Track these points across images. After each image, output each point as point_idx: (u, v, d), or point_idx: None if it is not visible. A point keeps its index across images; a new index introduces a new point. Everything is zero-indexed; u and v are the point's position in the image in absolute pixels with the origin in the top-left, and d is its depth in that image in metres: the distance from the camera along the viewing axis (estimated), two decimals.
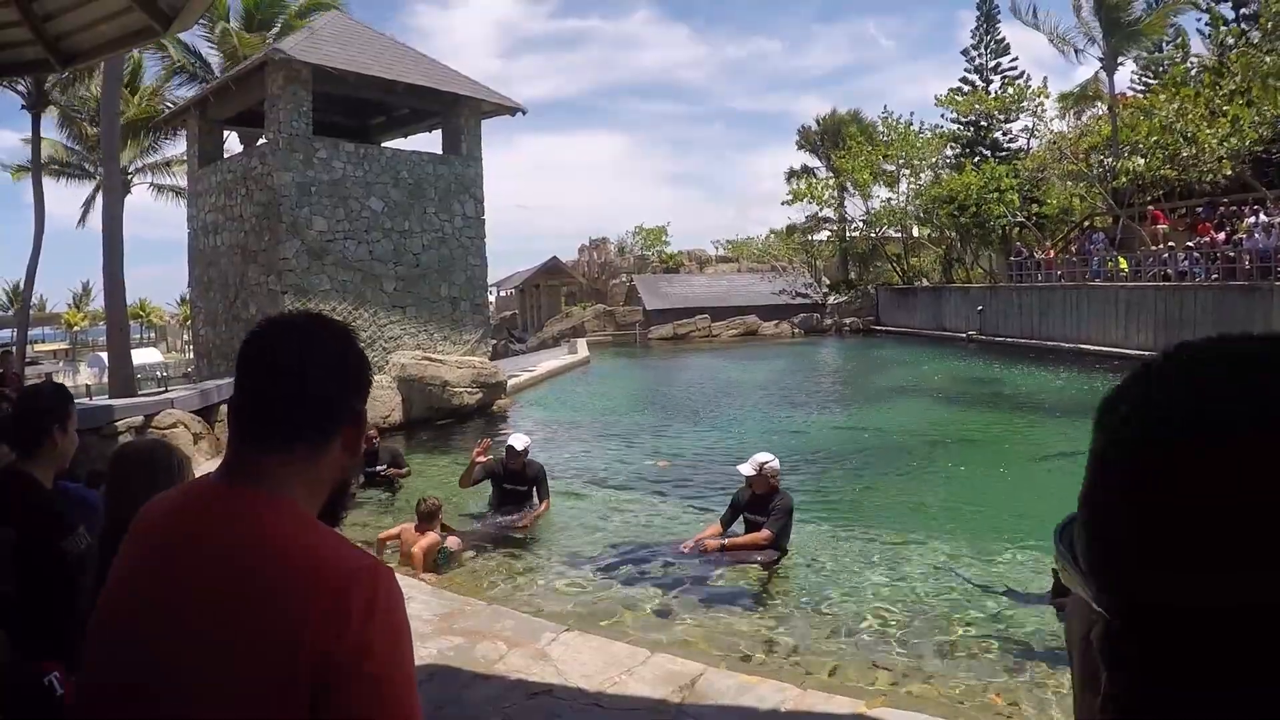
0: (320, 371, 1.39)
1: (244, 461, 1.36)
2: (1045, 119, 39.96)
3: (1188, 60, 34.84)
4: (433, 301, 20.73)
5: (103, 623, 1.35)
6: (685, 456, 13.89)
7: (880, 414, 18.41)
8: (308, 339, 1.42)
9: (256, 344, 1.41)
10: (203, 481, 1.42)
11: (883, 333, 43.38)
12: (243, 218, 19.60)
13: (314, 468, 1.37)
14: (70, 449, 3.15)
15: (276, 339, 1.43)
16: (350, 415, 1.42)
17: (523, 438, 9.95)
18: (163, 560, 1.32)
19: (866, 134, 46.84)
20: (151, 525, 1.40)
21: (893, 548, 8.54)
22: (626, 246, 59.67)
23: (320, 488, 1.39)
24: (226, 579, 1.24)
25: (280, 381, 1.38)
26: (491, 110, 22.40)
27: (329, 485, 1.41)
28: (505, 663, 5.16)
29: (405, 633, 1.27)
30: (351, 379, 1.44)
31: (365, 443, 7.93)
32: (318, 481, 1.39)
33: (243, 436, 1.38)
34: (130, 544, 1.41)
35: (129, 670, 1.27)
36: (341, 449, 1.41)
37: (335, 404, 1.40)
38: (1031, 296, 32.41)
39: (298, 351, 1.39)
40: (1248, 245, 23.93)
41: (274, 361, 1.40)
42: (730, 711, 4.49)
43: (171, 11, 5.10)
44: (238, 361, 1.44)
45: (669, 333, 45.38)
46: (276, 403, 1.37)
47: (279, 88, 18.39)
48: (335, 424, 1.40)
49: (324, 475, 1.39)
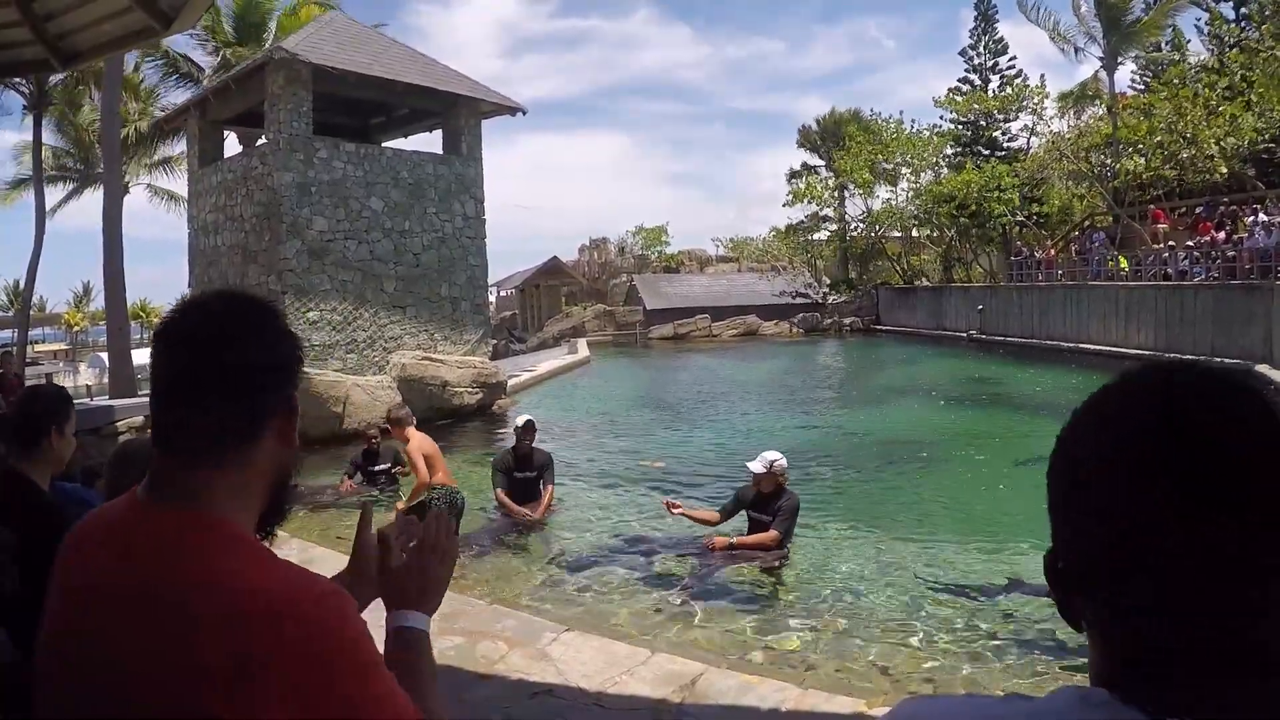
0: (241, 359, 1.23)
1: (169, 476, 1.22)
2: (1045, 118, 40.02)
3: (1185, 59, 34.86)
4: (433, 301, 20.72)
5: (43, 657, 1.24)
6: (686, 456, 13.90)
7: (881, 414, 18.42)
8: (224, 322, 1.26)
9: (167, 337, 1.26)
10: (128, 501, 1.26)
11: (883, 332, 43.40)
12: (243, 218, 19.59)
13: (248, 471, 1.24)
14: (67, 451, 3.14)
15: (189, 330, 1.27)
16: (282, 405, 1.28)
17: (528, 416, 10.05)
18: (82, 596, 1.20)
19: (867, 131, 46.85)
20: (76, 553, 1.26)
21: (894, 547, 8.54)
22: (627, 246, 59.66)
23: (257, 490, 1.26)
24: (142, 617, 1.10)
25: (199, 380, 1.22)
26: (492, 110, 22.39)
27: (267, 485, 1.28)
28: (506, 663, 5.16)
29: (344, 664, 1.09)
30: (279, 364, 1.29)
31: (366, 442, 7.99)
32: (254, 484, 1.25)
33: (165, 447, 1.24)
34: (59, 572, 1.27)
35: (65, 710, 1.19)
36: (276, 443, 1.27)
37: (264, 396, 1.26)
38: (1032, 296, 32.40)
39: (214, 342, 1.23)
40: (1248, 244, 23.93)
41: (188, 357, 1.24)
42: (731, 711, 4.49)
43: (172, 11, 5.10)
44: (150, 358, 1.29)
45: (669, 332, 45.40)
46: (197, 405, 1.22)
47: (279, 88, 18.39)
48: (266, 418, 1.25)
49: (260, 476, 1.26)
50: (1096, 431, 0.78)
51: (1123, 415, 0.77)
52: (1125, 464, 0.73)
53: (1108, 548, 0.74)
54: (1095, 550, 0.75)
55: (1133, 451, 0.73)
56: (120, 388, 16.40)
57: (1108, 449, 0.75)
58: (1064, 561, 0.79)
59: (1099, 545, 0.75)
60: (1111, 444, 0.75)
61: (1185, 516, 0.69)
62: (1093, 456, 0.77)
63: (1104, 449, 0.76)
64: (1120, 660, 0.75)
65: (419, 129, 24.67)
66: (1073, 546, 0.78)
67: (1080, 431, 0.80)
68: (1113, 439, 0.75)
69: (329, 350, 18.51)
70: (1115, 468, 0.74)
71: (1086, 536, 0.76)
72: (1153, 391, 0.77)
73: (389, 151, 21.29)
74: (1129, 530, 0.72)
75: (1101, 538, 0.74)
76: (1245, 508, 0.68)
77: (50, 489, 3.15)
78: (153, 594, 1.12)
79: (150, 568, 1.14)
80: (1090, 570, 0.76)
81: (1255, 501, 0.69)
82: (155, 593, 1.12)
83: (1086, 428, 0.79)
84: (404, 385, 17.85)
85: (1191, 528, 0.69)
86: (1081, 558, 0.77)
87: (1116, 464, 0.74)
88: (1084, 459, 0.78)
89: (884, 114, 46.70)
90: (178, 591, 1.10)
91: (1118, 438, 0.75)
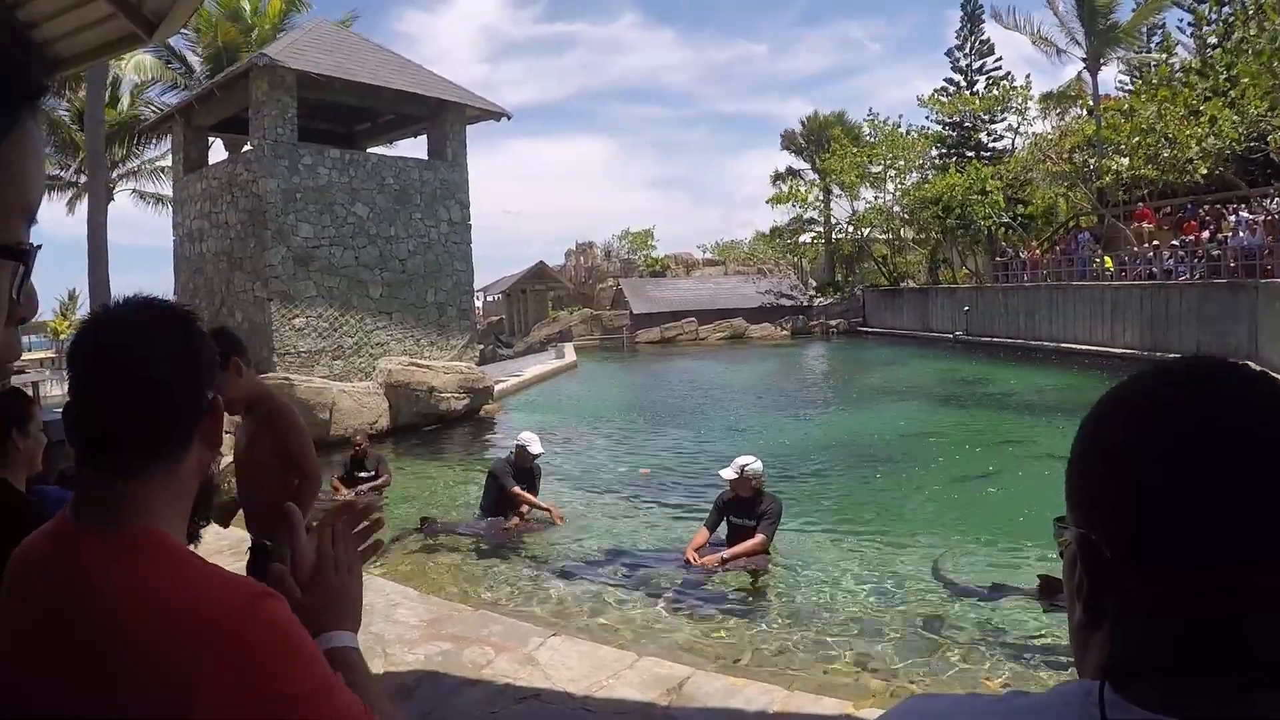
0: (162, 372, 1.22)
1: (96, 493, 1.20)
2: (1029, 119, 40.21)
3: (1171, 59, 35.05)
4: (419, 307, 20.72)
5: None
6: (671, 461, 13.90)
7: (867, 416, 18.45)
8: (139, 336, 1.25)
9: (81, 351, 1.24)
10: (57, 525, 1.24)
11: (869, 334, 43.48)
12: (228, 224, 19.56)
13: (176, 479, 1.23)
14: (36, 450, 3.17)
15: (104, 342, 1.25)
16: (205, 409, 1.27)
17: (535, 438, 9.99)
18: (17, 625, 1.19)
19: (851, 135, 46.96)
20: (14, 583, 1.23)
21: (879, 549, 8.58)
22: (613, 250, 59.62)
23: (185, 495, 1.26)
24: (70, 644, 1.11)
25: (118, 394, 1.21)
26: (477, 115, 22.42)
27: (194, 488, 1.28)
28: (493, 668, 5.16)
29: (281, 664, 1.09)
30: (199, 369, 1.28)
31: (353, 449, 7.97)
32: (181, 491, 1.25)
33: (89, 462, 1.22)
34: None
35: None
36: (211, 443, 1.28)
37: (187, 403, 1.25)
38: (1017, 297, 32.53)
39: (131, 354, 1.22)
40: (1232, 244, 24.09)
41: (105, 370, 1.22)
42: (718, 714, 4.50)
43: (155, 18, 5.09)
44: (68, 372, 1.27)
45: (656, 336, 45.37)
46: (119, 419, 1.20)
47: (264, 94, 18.37)
48: (191, 424, 1.25)
49: (187, 481, 1.26)
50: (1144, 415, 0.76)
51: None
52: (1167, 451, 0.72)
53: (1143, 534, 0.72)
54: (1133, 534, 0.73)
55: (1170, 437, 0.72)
56: None
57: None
58: (1110, 550, 0.74)
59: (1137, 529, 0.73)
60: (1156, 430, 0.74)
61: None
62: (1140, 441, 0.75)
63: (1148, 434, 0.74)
64: (1134, 656, 0.73)
65: (404, 134, 24.69)
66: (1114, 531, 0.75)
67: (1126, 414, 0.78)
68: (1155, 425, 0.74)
69: (315, 357, 18.49)
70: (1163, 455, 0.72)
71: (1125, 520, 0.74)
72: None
73: (374, 157, 21.31)
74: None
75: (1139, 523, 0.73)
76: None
77: (30, 491, 3.17)
78: (85, 621, 1.11)
79: (80, 597, 1.13)
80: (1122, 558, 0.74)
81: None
82: (87, 619, 1.11)
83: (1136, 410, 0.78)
84: (390, 391, 17.82)
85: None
86: (1118, 543, 0.74)
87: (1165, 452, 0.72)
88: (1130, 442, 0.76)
89: (869, 116, 46.62)
90: (109, 618, 1.10)
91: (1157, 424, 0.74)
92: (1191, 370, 0.78)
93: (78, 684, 1.09)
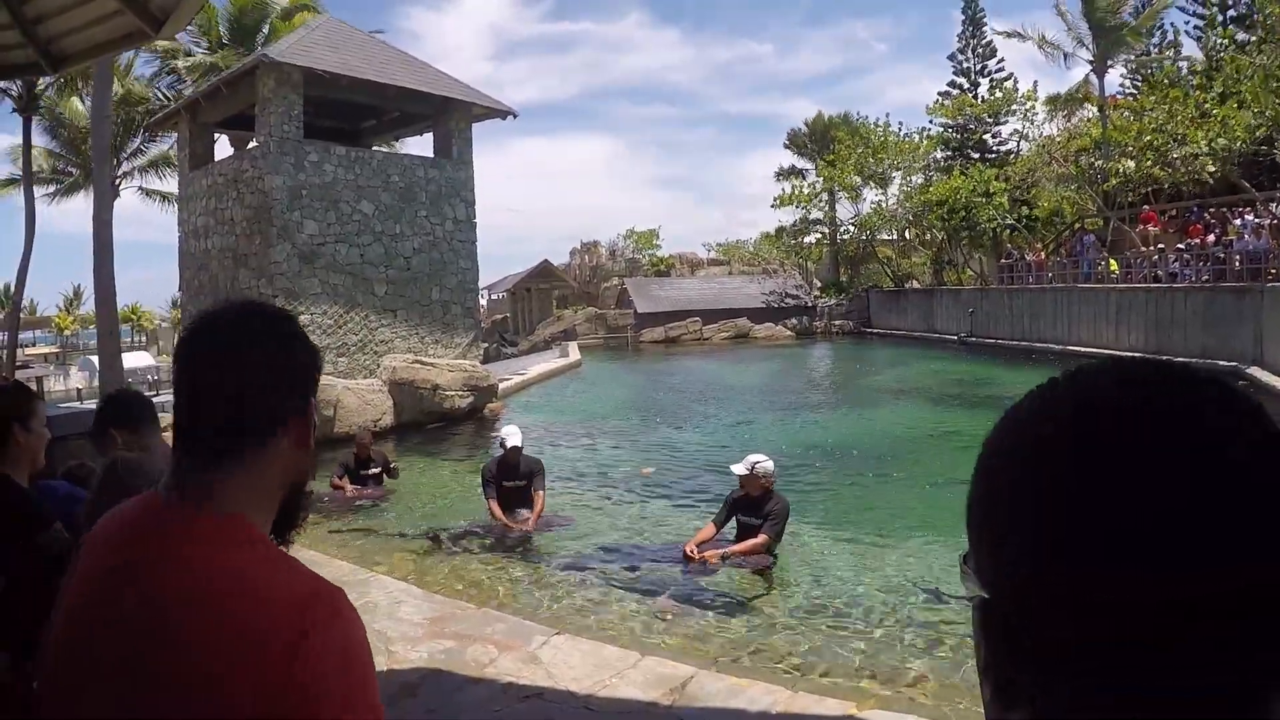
0: (257, 368, 1.30)
1: (188, 477, 1.27)
2: (1035, 121, 40.14)
3: (1178, 62, 35.00)
4: (424, 305, 20.73)
5: (54, 657, 1.27)
6: (675, 460, 13.90)
7: (871, 417, 18.44)
8: (239, 334, 1.33)
9: (194, 344, 1.33)
10: (149, 499, 1.32)
11: (874, 335, 43.44)
12: (233, 221, 19.57)
13: (261, 474, 1.29)
14: (38, 446, 3.17)
15: (206, 338, 1.34)
16: (297, 409, 1.33)
17: (515, 430, 9.85)
18: (102, 595, 1.24)
19: (856, 135, 46.92)
20: (97, 549, 1.30)
21: (884, 550, 8.56)
22: (618, 250, 59.61)
23: (271, 493, 1.31)
24: (161, 615, 1.15)
25: (215, 386, 1.29)
26: (482, 114, 22.43)
27: (282, 489, 1.33)
28: (496, 666, 5.16)
29: (357, 660, 1.18)
30: (285, 371, 1.34)
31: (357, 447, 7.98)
32: (268, 487, 1.30)
33: (185, 449, 1.29)
34: (79, 568, 1.32)
35: (75, 704, 1.21)
36: (292, 447, 1.32)
37: (278, 401, 1.31)
38: (1022, 299, 32.49)
39: (228, 350, 1.31)
40: (1238, 247, 24.04)
41: (205, 365, 1.31)
42: (721, 714, 4.49)
43: (162, 15, 5.09)
44: (173, 368, 1.36)
45: (660, 336, 45.34)
46: (214, 410, 1.28)
47: (270, 91, 18.38)
48: (280, 422, 1.30)
49: (276, 479, 1.31)
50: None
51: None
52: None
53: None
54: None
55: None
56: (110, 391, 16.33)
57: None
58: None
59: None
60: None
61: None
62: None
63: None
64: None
65: (410, 132, 24.72)
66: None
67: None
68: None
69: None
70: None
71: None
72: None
73: (380, 155, 21.33)
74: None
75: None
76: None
77: (36, 488, 3.18)
78: (178, 585, 1.17)
79: (175, 560, 1.20)
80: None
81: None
82: (181, 584, 1.17)
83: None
84: (395, 389, 17.84)
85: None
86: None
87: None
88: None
89: (872, 118, 46.70)
90: (203, 582, 1.17)
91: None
92: (1121, 368, 0.66)
93: (168, 653, 1.14)
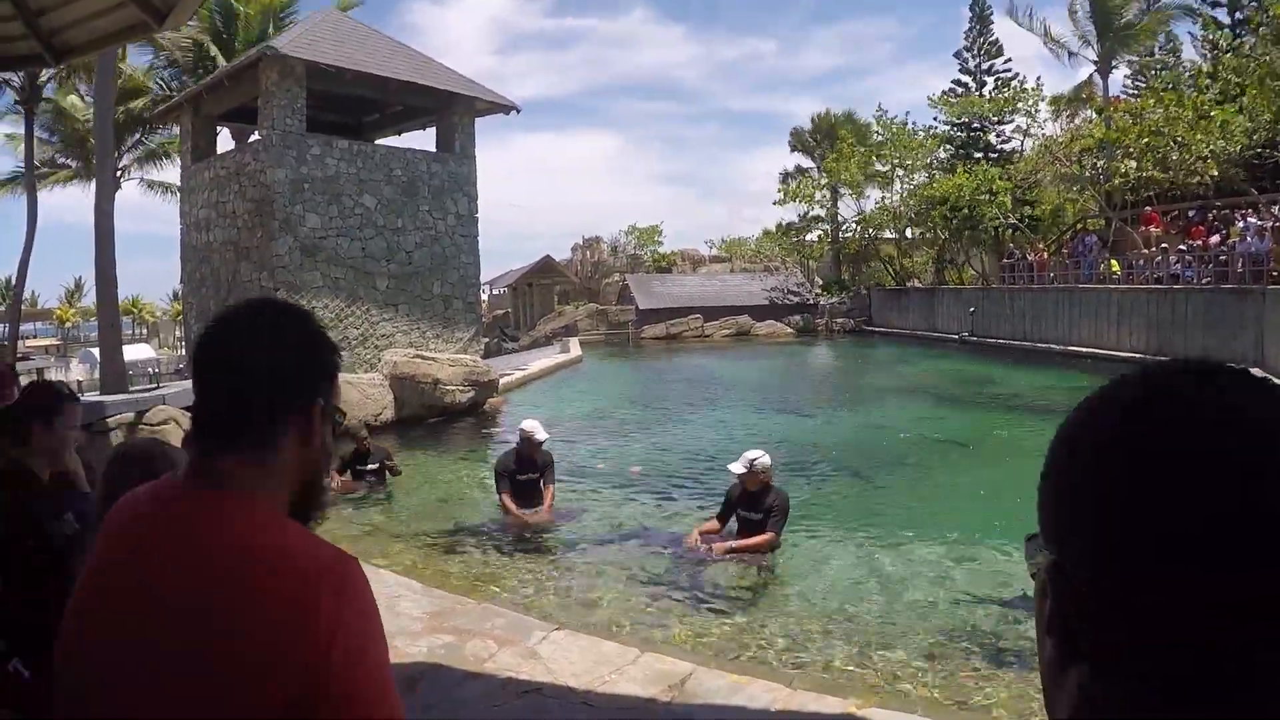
0: (273, 362, 1.35)
1: (203, 462, 1.32)
2: (1039, 120, 40.09)
3: (1180, 64, 34.96)
4: (425, 299, 20.73)
5: (72, 633, 1.29)
6: (674, 457, 13.89)
7: (871, 415, 18.45)
8: (257, 329, 1.38)
9: (205, 341, 1.37)
10: (167, 483, 1.38)
11: (875, 333, 43.40)
12: (235, 214, 19.57)
13: (278, 465, 1.33)
14: (59, 445, 3.23)
15: (225, 334, 1.38)
16: (312, 404, 1.37)
17: (538, 424, 9.71)
18: (126, 570, 1.27)
19: (859, 135, 46.85)
20: (117, 531, 1.35)
21: (883, 548, 8.55)
22: (620, 246, 59.59)
23: (283, 481, 1.34)
24: (189, 586, 1.19)
25: (231, 378, 1.35)
26: (485, 108, 22.41)
27: (296, 481, 1.36)
28: (495, 661, 5.16)
29: (377, 622, 1.25)
30: (311, 365, 1.40)
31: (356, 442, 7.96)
32: (279, 475, 1.33)
33: (201, 438, 1.35)
34: (98, 552, 1.35)
35: (101, 683, 1.22)
36: (306, 441, 1.36)
37: (293, 395, 1.36)
38: (1024, 299, 32.44)
39: (247, 344, 1.35)
40: (1240, 248, 24.01)
41: (223, 358, 1.36)
42: (720, 710, 4.49)
43: (165, 7, 5.07)
44: (191, 360, 1.41)
45: (662, 332, 45.32)
46: (231, 402, 1.34)
47: (273, 84, 18.37)
48: (294, 416, 1.35)
49: (290, 471, 1.35)
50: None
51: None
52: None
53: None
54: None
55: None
56: (111, 383, 16.26)
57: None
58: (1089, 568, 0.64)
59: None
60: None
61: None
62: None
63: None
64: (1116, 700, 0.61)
65: (413, 126, 24.67)
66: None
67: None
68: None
69: None
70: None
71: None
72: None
73: (382, 149, 21.29)
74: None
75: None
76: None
77: (55, 482, 3.25)
78: (204, 556, 1.22)
79: (194, 538, 1.25)
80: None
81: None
82: (206, 555, 1.22)
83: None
84: (395, 383, 17.85)
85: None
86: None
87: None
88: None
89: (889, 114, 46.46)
90: (229, 552, 1.22)
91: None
92: (1190, 369, 0.68)
93: (193, 622, 1.17)
